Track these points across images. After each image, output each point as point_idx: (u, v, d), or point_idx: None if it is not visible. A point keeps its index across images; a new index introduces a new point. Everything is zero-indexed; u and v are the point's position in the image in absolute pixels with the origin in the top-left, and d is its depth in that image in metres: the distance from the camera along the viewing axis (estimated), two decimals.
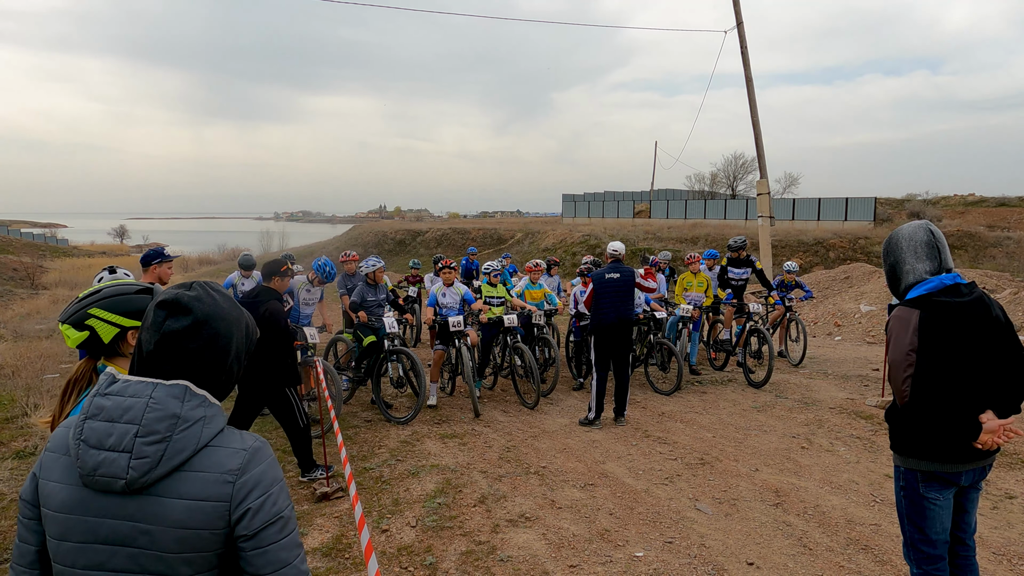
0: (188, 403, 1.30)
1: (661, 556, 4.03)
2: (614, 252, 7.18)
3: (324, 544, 4.19)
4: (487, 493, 5.00)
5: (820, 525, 4.45)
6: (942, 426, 2.50)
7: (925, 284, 2.61)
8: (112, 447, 1.24)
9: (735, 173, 50.68)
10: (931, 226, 2.68)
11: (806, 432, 6.52)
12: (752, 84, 16.77)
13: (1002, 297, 11.91)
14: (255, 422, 6.89)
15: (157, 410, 1.27)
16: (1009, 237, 29.11)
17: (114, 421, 1.26)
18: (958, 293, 2.58)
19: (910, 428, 2.61)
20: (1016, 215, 36.49)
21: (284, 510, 1.34)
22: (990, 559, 3.97)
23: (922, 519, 2.67)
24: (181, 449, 1.27)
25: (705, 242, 31.04)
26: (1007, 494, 4.94)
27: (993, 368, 2.57)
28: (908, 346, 2.51)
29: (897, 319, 2.59)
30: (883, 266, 2.80)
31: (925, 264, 2.63)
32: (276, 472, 1.36)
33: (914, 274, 2.65)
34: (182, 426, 1.28)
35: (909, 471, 2.68)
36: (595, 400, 6.80)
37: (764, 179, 17.27)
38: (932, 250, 2.64)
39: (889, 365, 2.61)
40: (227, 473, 1.29)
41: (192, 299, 1.36)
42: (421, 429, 6.66)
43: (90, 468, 1.25)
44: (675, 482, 5.25)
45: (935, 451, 2.59)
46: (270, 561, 1.30)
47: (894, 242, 2.72)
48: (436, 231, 46.72)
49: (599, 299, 6.83)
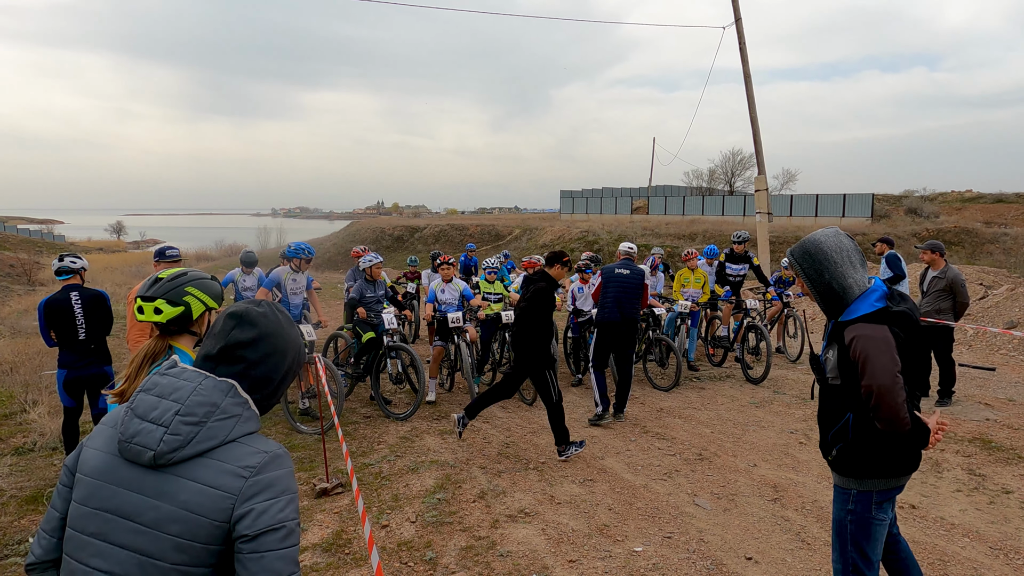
0: (231, 399, 1.39)
1: (660, 551, 4.05)
2: (627, 251, 7.30)
3: (324, 540, 4.20)
4: (486, 489, 5.02)
5: (818, 520, 4.47)
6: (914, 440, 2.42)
7: (873, 294, 2.45)
8: (154, 420, 1.33)
9: (733, 169, 50.70)
10: (840, 231, 2.53)
11: (804, 428, 6.54)
12: (750, 80, 16.76)
13: (999, 293, 11.94)
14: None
15: (202, 395, 1.36)
16: (1006, 233, 29.18)
17: (163, 397, 1.36)
18: (896, 299, 2.48)
19: (880, 451, 2.47)
20: (1013, 211, 36.56)
21: (289, 521, 1.35)
22: (987, 553, 4.00)
23: (868, 541, 2.57)
24: (212, 436, 1.34)
25: (703, 238, 31.07)
26: (1004, 489, 4.97)
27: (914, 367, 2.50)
28: (895, 367, 2.34)
29: (869, 339, 2.36)
30: (810, 287, 2.53)
31: (861, 272, 2.48)
32: (290, 483, 1.40)
33: (859, 286, 2.46)
34: (219, 416, 1.36)
35: (863, 493, 2.54)
36: (598, 395, 6.78)
37: (762, 175, 17.27)
38: (860, 255, 2.51)
39: (877, 393, 2.34)
40: (244, 468, 1.33)
41: (259, 315, 1.49)
42: (420, 425, 6.68)
43: (129, 435, 1.33)
44: (674, 477, 5.27)
45: (895, 467, 2.51)
46: (265, 568, 1.29)
47: (822, 257, 2.47)
48: (434, 227, 46.70)
49: (604, 293, 6.83)
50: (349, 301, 7.29)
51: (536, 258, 9.29)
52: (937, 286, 7.15)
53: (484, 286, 8.38)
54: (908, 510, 4.61)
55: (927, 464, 5.46)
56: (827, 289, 2.49)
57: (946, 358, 7.16)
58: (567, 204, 52.12)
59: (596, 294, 7.02)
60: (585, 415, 7.05)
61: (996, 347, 10.29)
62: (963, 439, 6.06)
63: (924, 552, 4.00)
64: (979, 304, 11.81)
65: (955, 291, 7.06)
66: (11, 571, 3.83)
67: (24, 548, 4.07)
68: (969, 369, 8.90)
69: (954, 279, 7.07)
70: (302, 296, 7.17)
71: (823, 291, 2.50)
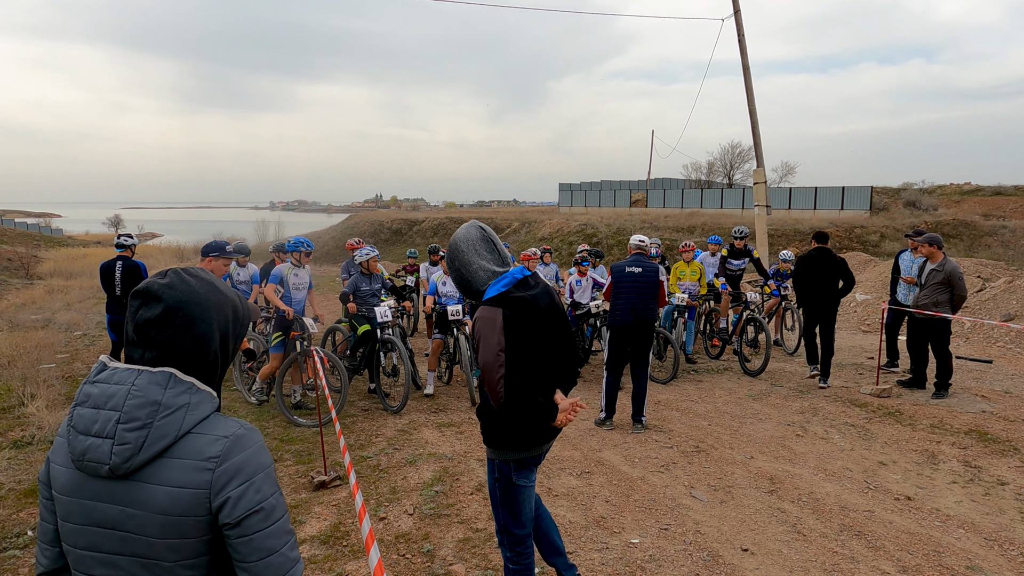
0: (171, 390, 1.31)
1: (656, 543, 4.07)
2: (638, 245, 6.66)
3: (322, 532, 4.22)
4: (484, 481, 5.03)
5: (814, 512, 4.49)
6: (532, 416, 2.65)
7: (500, 281, 2.66)
8: (97, 433, 1.27)
9: (732, 162, 50.68)
10: (481, 224, 2.78)
11: (801, 420, 6.56)
12: (749, 73, 16.71)
13: (996, 286, 11.96)
14: (249, 412, 6.90)
15: (138, 397, 1.28)
16: (1004, 226, 29.17)
17: (99, 408, 1.28)
18: (527, 286, 2.71)
19: (504, 424, 2.73)
20: (1012, 204, 36.57)
21: (268, 498, 1.32)
22: (982, 544, 4.02)
23: (515, 505, 2.85)
24: (163, 436, 1.27)
25: (702, 231, 31.05)
26: (999, 480, 4.99)
27: (555, 351, 2.76)
28: (497, 346, 2.56)
29: (482, 320, 2.61)
30: (452, 276, 2.79)
31: (488, 260, 2.70)
32: (261, 459, 1.35)
33: (484, 272, 2.69)
34: (163, 413, 1.28)
35: (503, 462, 2.82)
36: (605, 400, 6.42)
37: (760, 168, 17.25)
38: (489, 245, 2.73)
39: (482, 368, 2.61)
40: (207, 460, 1.29)
41: (163, 287, 1.36)
42: (418, 418, 6.69)
43: (79, 453, 1.27)
44: (671, 470, 5.28)
45: (525, 440, 2.77)
46: (256, 549, 1.30)
47: (454, 249, 2.75)
48: (433, 220, 46.65)
49: (616, 294, 6.33)
50: (342, 295, 7.30)
51: (534, 251, 9.28)
52: (935, 279, 7.16)
53: None
54: (904, 501, 4.63)
55: (923, 456, 5.49)
56: (457, 276, 2.76)
57: (943, 350, 7.18)
58: (566, 197, 52.06)
59: (608, 293, 6.51)
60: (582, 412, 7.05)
61: (993, 340, 10.32)
62: (959, 431, 6.08)
63: (919, 543, 4.03)
64: (976, 297, 11.83)
65: (953, 284, 7.07)
66: (9, 564, 3.84)
67: (23, 541, 4.08)
68: (966, 361, 8.93)
69: (952, 272, 7.08)
70: (304, 291, 7.19)
71: (455, 276, 2.77)
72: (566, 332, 2.84)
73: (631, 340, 6.26)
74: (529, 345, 2.63)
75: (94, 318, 13.41)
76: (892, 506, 4.58)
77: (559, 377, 2.84)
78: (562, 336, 2.81)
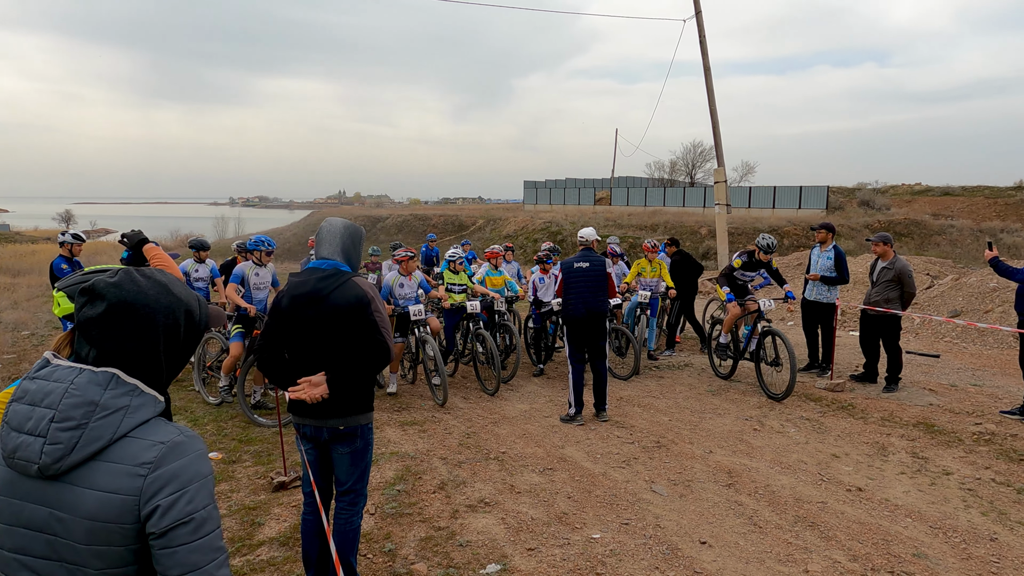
0: (111, 391, 1.27)
1: (617, 537, 4.12)
2: (583, 240, 6.77)
3: (282, 533, 4.15)
4: (447, 479, 5.02)
5: (770, 504, 4.60)
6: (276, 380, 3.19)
7: (308, 265, 3.22)
8: (30, 431, 1.23)
9: (694, 161, 51.44)
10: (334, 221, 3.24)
11: (758, 415, 6.71)
12: (710, 73, 16.99)
13: (944, 283, 12.40)
14: (207, 413, 6.76)
15: (75, 396, 1.24)
16: (952, 225, 30.29)
17: (35, 405, 1.24)
18: (310, 272, 3.11)
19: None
20: (959, 204, 37.96)
21: (200, 510, 1.27)
22: (927, 532, 4.17)
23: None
24: (96, 438, 1.23)
25: (664, 229, 31.48)
26: (944, 471, 5.18)
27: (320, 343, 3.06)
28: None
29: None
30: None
31: (322, 251, 3.17)
32: (198, 468, 1.29)
33: (313, 261, 3.22)
34: (100, 414, 1.24)
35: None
36: (573, 394, 6.49)
37: (721, 167, 17.57)
38: (319, 240, 3.19)
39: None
40: (139, 466, 1.24)
41: (109, 285, 1.32)
42: (381, 417, 6.64)
43: (10, 450, 1.24)
44: (632, 465, 5.35)
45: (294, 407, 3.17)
46: (178, 563, 1.24)
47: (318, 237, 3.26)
48: (397, 217, 46.28)
49: (567, 290, 6.48)
50: None
51: (497, 248, 9.29)
52: (886, 276, 7.39)
53: (448, 276, 8.33)
54: (855, 492, 4.78)
55: (874, 448, 5.67)
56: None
57: (894, 346, 7.42)
58: (531, 195, 52.20)
59: (560, 290, 6.62)
60: (546, 405, 7.10)
61: (941, 335, 10.70)
62: (908, 423, 6.30)
63: (869, 532, 4.16)
64: (925, 294, 12.26)
65: (903, 281, 7.31)
66: None
67: None
68: (915, 356, 9.24)
69: (902, 270, 7.31)
70: (266, 291, 7.07)
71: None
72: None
73: (585, 331, 6.47)
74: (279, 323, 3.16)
75: (43, 317, 12.95)
76: (844, 497, 4.72)
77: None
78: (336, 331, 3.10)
